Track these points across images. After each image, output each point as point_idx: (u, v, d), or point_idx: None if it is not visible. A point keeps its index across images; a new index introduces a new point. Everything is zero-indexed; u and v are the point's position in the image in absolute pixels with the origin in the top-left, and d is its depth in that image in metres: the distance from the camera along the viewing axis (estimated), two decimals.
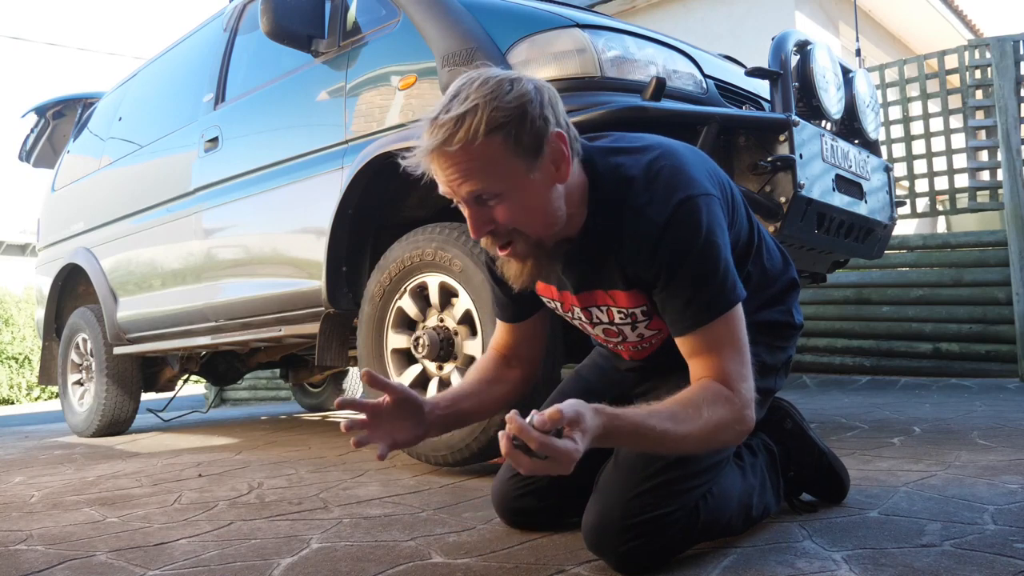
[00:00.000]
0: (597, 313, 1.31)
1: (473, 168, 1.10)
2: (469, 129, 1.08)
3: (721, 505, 1.24)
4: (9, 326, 14.83)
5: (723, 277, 1.14)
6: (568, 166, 1.16)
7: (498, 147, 1.09)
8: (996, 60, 4.48)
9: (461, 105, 1.09)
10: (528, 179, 1.13)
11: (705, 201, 1.14)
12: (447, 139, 1.09)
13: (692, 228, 1.12)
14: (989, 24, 27.10)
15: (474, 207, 1.14)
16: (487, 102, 1.09)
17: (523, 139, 1.11)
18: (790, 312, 1.42)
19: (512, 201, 1.13)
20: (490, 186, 1.12)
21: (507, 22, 2.18)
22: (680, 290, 1.15)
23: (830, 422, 2.90)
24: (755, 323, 1.33)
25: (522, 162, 1.12)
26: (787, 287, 1.42)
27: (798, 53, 2.35)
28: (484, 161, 1.10)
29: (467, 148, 1.08)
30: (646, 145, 1.23)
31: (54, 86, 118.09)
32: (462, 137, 1.08)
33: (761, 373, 1.33)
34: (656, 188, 1.15)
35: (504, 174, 1.11)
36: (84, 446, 3.75)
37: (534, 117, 1.11)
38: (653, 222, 1.14)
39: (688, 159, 1.21)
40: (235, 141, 3.11)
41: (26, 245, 19.29)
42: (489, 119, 1.08)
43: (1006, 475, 1.73)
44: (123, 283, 3.86)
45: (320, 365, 2.74)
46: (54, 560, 1.44)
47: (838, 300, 4.90)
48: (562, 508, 1.45)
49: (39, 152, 5.09)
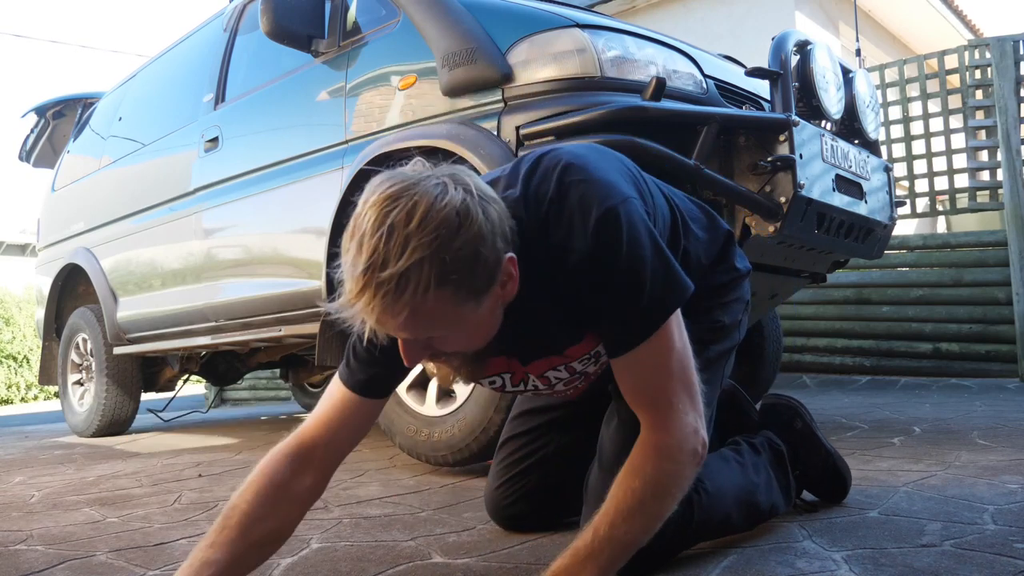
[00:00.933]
0: (555, 375, 1.23)
1: (417, 323, 0.92)
2: (416, 292, 0.88)
3: (715, 503, 1.23)
4: (9, 326, 14.83)
5: (652, 291, 1.03)
6: (516, 282, 1.01)
7: (447, 300, 0.91)
8: (996, 60, 4.48)
9: (399, 257, 0.87)
10: (476, 315, 0.98)
11: (624, 208, 1.03)
12: (387, 308, 0.89)
13: (613, 244, 1.01)
14: (989, 24, 27.09)
15: (406, 343, 0.98)
16: (433, 253, 0.87)
17: (475, 284, 0.94)
18: (733, 266, 1.35)
19: (455, 337, 1.00)
20: (434, 334, 0.97)
21: (507, 22, 2.18)
22: (609, 311, 1.05)
23: (830, 422, 2.90)
24: (705, 289, 1.29)
25: (472, 303, 0.95)
26: (724, 244, 1.34)
27: (798, 53, 2.35)
28: (429, 316, 0.92)
29: (411, 307, 0.89)
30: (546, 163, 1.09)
31: (56, 84, 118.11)
32: (407, 302, 0.88)
33: (722, 335, 1.32)
34: (570, 212, 1.03)
35: (451, 321, 0.95)
36: (84, 446, 3.75)
37: (486, 257, 0.93)
38: (578, 252, 1.02)
39: (591, 161, 1.09)
40: (235, 141, 3.11)
41: (26, 245, 19.28)
42: (438, 276, 0.88)
43: (1006, 475, 1.73)
44: (123, 283, 3.86)
45: (320, 365, 2.74)
46: (54, 560, 1.44)
47: (838, 300, 4.90)
48: (558, 507, 1.46)
49: (39, 152, 5.09)
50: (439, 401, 2.21)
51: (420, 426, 2.21)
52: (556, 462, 1.43)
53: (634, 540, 1.02)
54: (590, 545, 1.00)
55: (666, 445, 1.03)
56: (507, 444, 1.50)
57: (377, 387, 1.17)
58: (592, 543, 1.00)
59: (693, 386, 1.08)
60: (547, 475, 1.44)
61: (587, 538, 1.00)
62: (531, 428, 1.48)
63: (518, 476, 1.45)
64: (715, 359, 1.30)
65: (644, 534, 1.03)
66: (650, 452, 1.04)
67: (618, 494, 1.02)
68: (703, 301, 1.30)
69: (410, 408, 2.26)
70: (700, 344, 1.27)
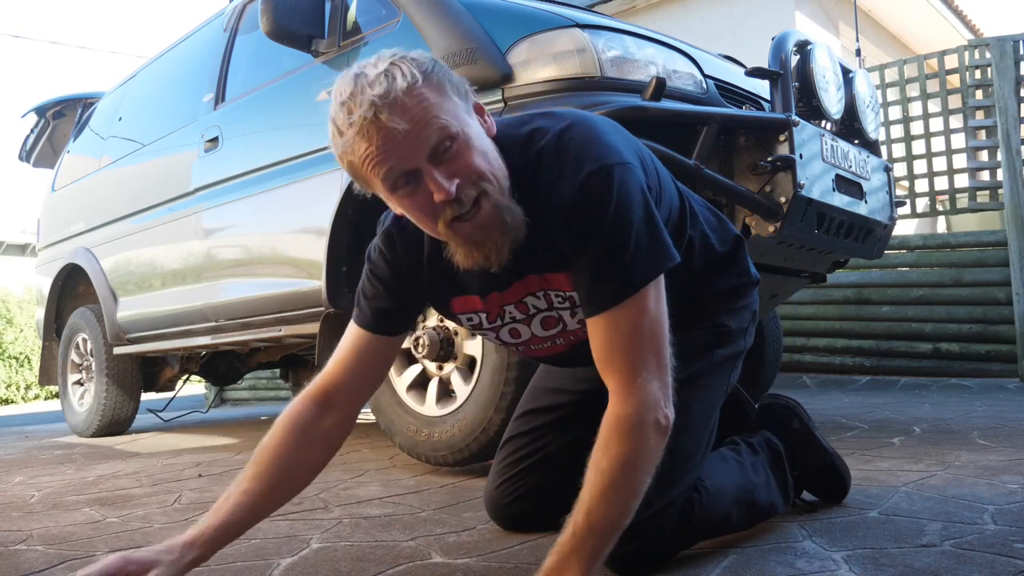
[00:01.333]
0: (533, 302, 1.20)
1: (425, 110, 0.98)
2: (405, 74, 0.98)
3: (715, 502, 1.23)
4: (10, 326, 14.83)
5: (635, 254, 1.04)
6: (491, 120, 1.09)
7: (436, 87, 1.00)
8: (996, 60, 4.48)
9: (377, 75, 0.98)
10: (471, 120, 1.05)
11: (620, 170, 1.05)
12: (387, 91, 0.96)
13: (602, 199, 1.03)
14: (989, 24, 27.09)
15: (433, 165, 1.00)
16: (398, 59, 1.00)
17: (452, 79, 1.03)
18: (745, 271, 1.36)
19: (468, 142, 1.02)
20: (448, 123, 1.00)
21: (507, 22, 2.18)
22: (589, 266, 1.05)
23: (830, 422, 2.90)
24: (714, 293, 1.31)
25: (460, 101, 1.04)
26: (734, 247, 1.35)
27: (798, 53, 2.35)
28: (432, 101, 0.99)
29: (410, 91, 0.97)
30: (557, 117, 1.13)
31: (55, 84, 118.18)
32: (402, 84, 0.97)
33: (728, 339, 1.31)
34: (566, 160, 1.06)
35: (453, 112, 1.01)
36: (84, 446, 3.75)
37: (445, 66, 1.05)
38: (564, 196, 1.05)
39: (602, 127, 1.11)
40: (235, 141, 3.11)
41: (26, 245, 19.28)
42: (416, 65, 1.00)
43: (1006, 475, 1.73)
44: (123, 283, 3.86)
45: (320, 365, 2.74)
46: (54, 560, 1.44)
47: (838, 300, 4.90)
48: (558, 507, 1.46)
49: (39, 152, 5.09)
50: (439, 401, 2.21)
51: (420, 426, 2.21)
52: (557, 461, 1.43)
53: (614, 523, 1.01)
54: (571, 539, 0.99)
55: (627, 416, 1.02)
56: (509, 443, 1.50)
57: (388, 323, 1.22)
58: (573, 536, 0.99)
59: (663, 356, 1.06)
60: (548, 474, 1.43)
61: (568, 533, 1.00)
62: (533, 427, 1.48)
63: (519, 475, 1.45)
64: (720, 363, 1.30)
65: (623, 516, 1.01)
66: (613, 426, 1.02)
67: (590, 478, 1.01)
68: (711, 305, 1.31)
69: (410, 408, 2.26)
70: (706, 347, 1.28)
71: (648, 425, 1.02)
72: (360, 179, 1.06)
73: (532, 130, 1.11)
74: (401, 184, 1.02)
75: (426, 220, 1.06)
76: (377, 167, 1.00)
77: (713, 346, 1.29)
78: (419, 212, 1.05)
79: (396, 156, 0.99)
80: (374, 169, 1.01)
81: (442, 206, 1.02)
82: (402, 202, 1.05)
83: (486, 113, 1.10)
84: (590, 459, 1.03)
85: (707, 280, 1.30)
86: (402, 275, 1.21)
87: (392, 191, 1.03)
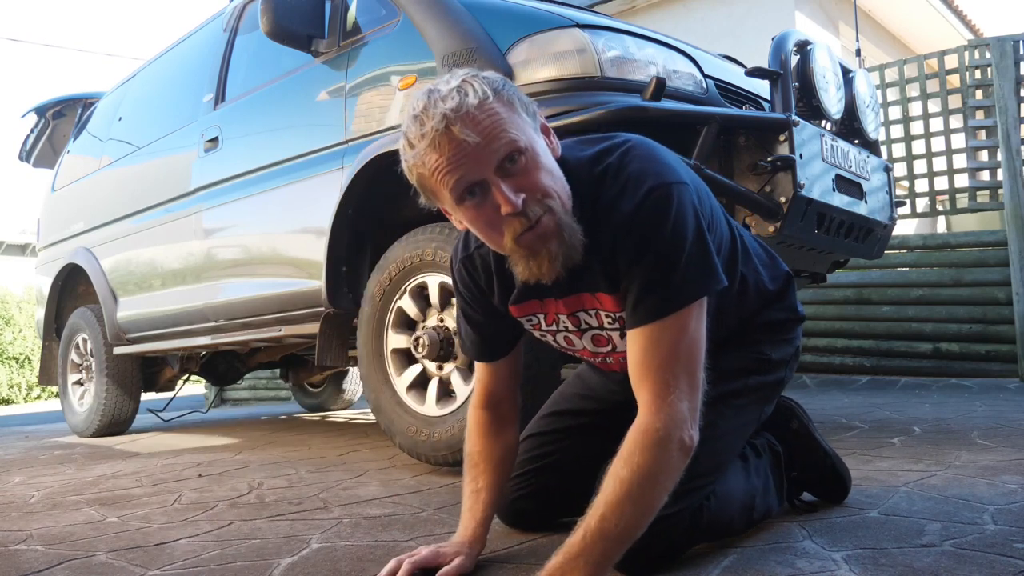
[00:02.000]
0: (585, 318, 1.24)
1: (495, 124, 1.03)
2: (476, 91, 1.03)
3: (724, 506, 1.24)
4: (10, 326, 14.83)
5: (684, 272, 1.07)
6: (556, 141, 1.14)
7: (506, 104, 1.05)
8: (996, 60, 4.48)
9: (450, 90, 1.03)
10: (538, 138, 1.09)
11: (677, 189, 1.08)
12: (459, 105, 1.01)
13: (660, 215, 1.07)
14: (989, 24, 27.09)
15: (500, 178, 1.04)
16: (471, 77, 1.05)
17: (522, 99, 1.09)
18: (792, 307, 1.40)
19: (535, 159, 1.06)
20: (517, 137, 1.04)
21: (507, 22, 2.18)
22: (639, 278, 1.09)
23: (830, 422, 2.90)
24: (759, 324, 1.35)
25: (528, 120, 1.08)
26: (784, 283, 1.39)
27: (798, 53, 2.35)
28: (503, 116, 1.04)
29: (482, 106, 1.02)
30: (617, 139, 1.18)
31: (52, 87, 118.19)
32: (474, 100, 1.02)
33: (766, 367, 1.34)
34: (627, 177, 1.10)
35: (522, 127, 1.06)
36: (84, 446, 3.75)
37: (515, 87, 1.10)
38: (623, 212, 1.09)
39: (660, 150, 1.16)
40: (235, 141, 3.11)
41: (26, 245, 19.28)
42: (487, 83, 1.05)
43: (1006, 475, 1.73)
44: (123, 283, 3.86)
45: (320, 365, 2.74)
46: (54, 560, 1.44)
47: (838, 300, 4.90)
48: (562, 509, 1.45)
49: (39, 152, 5.09)
50: (439, 401, 2.21)
51: (420, 426, 2.21)
52: (572, 467, 1.41)
53: (626, 533, 1.01)
54: (582, 541, 0.99)
55: (655, 430, 1.03)
56: (530, 439, 1.50)
57: (500, 349, 1.35)
58: (584, 539, 0.99)
59: (696, 378, 1.08)
60: (562, 477, 1.42)
61: (579, 535, 1.00)
62: (557, 429, 1.48)
63: (532, 473, 1.45)
64: (755, 388, 1.32)
65: (635, 528, 1.02)
66: (639, 439, 1.04)
67: (608, 486, 1.02)
68: (755, 333, 1.34)
69: (410, 408, 2.26)
70: (744, 372, 1.30)
71: (673, 442, 1.03)
72: (428, 191, 1.10)
73: (598, 152, 1.15)
74: (468, 196, 1.05)
75: (491, 233, 1.09)
76: (446, 177, 1.04)
77: (751, 372, 1.31)
78: (484, 224, 1.08)
79: (465, 167, 1.03)
80: (443, 180, 1.04)
81: (508, 219, 1.05)
82: (468, 214, 1.08)
83: (552, 134, 1.14)
84: (610, 467, 1.04)
85: (755, 312, 1.34)
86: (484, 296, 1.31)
87: (459, 202, 1.07)
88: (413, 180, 1.09)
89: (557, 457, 1.45)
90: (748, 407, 1.32)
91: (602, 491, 1.02)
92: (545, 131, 1.13)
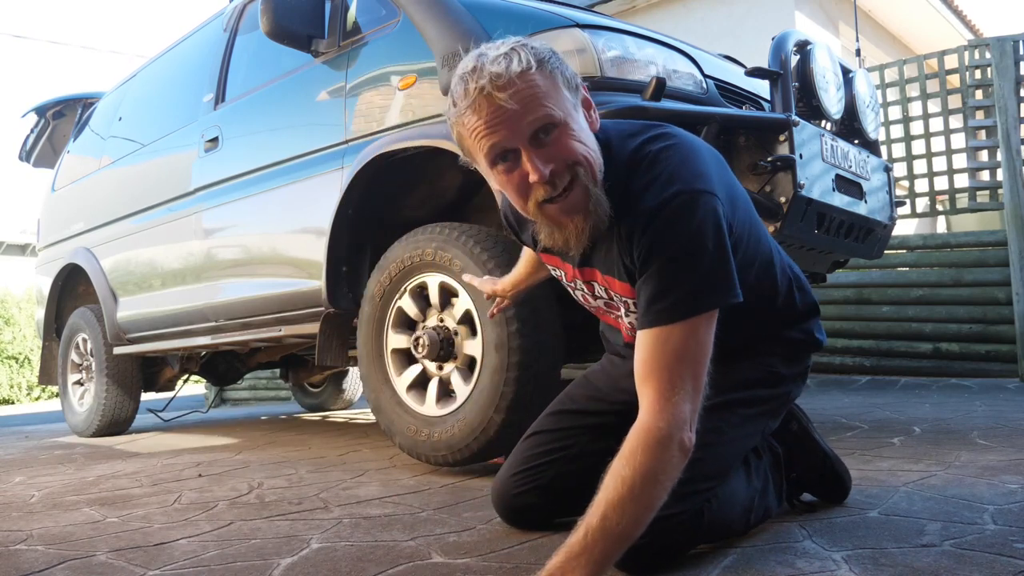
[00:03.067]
0: (597, 289, 1.29)
1: (534, 95, 1.06)
2: (521, 60, 1.06)
3: (725, 508, 1.24)
4: (10, 326, 14.83)
5: (700, 279, 1.08)
6: (596, 115, 1.16)
7: (548, 76, 1.08)
8: (996, 60, 4.48)
9: (497, 56, 1.06)
10: (576, 113, 1.11)
11: (704, 199, 1.09)
12: (503, 72, 1.04)
13: (681, 222, 1.08)
14: (989, 24, 27.10)
15: (532, 148, 1.08)
16: (519, 46, 1.08)
17: (565, 72, 1.10)
18: (810, 333, 1.41)
19: (569, 131, 1.09)
20: (553, 111, 1.07)
21: (507, 22, 2.18)
22: (655, 279, 1.10)
23: (830, 422, 2.90)
24: (777, 340, 1.36)
25: (569, 94, 1.10)
26: (810, 310, 1.40)
27: (798, 53, 2.34)
28: (542, 88, 1.07)
29: (524, 75, 1.05)
30: (665, 132, 1.19)
31: (57, 85, 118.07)
32: (517, 68, 1.05)
33: (774, 380, 1.35)
34: (658, 173, 1.11)
35: (560, 102, 1.08)
36: (84, 446, 3.75)
37: (562, 60, 1.12)
38: (645, 206, 1.10)
39: (703, 155, 1.16)
40: (235, 141, 3.11)
41: (26, 245, 19.28)
42: (533, 53, 1.07)
43: (1006, 475, 1.73)
44: (123, 283, 3.86)
45: (320, 365, 2.74)
46: (54, 560, 1.44)
47: (838, 300, 4.90)
48: (563, 507, 1.45)
49: (39, 152, 5.09)
50: (439, 401, 2.21)
51: (420, 426, 2.21)
52: (578, 464, 1.42)
53: (627, 532, 1.01)
54: (583, 541, 1.00)
55: (658, 429, 1.04)
56: (534, 436, 1.50)
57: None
58: (585, 538, 1.00)
59: (700, 382, 1.08)
60: (564, 475, 1.43)
61: (580, 534, 1.00)
62: (562, 427, 1.49)
63: (536, 468, 1.45)
64: (762, 400, 1.33)
65: (637, 526, 1.02)
66: (642, 438, 1.04)
67: (609, 485, 1.02)
68: (772, 346, 1.35)
69: (410, 408, 2.26)
70: (754, 383, 1.31)
71: (675, 443, 1.04)
72: (465, 149, 1.15)
73: (643, 140, 1.17)
74: (500, 160, 1.10)
75: (518, 198, 1.14)
76: (482, 140, 1.08)
77: (759, 383, 1.32)
78: (513, 189, 1.13)
79: (500, 132, 1.07)
80: (479, 142, 1.09)
81: (535, 186, 1.09)
82: (499, 178, 1.13)
83: (593, 108, 1.17)
84: (611, 466, 1.04)
85: (776, 329, 1.35)
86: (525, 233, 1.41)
87: (492, 166, 1.11)
88: (454, 137, 1.14)
89: (560, 455, 1.45)
90: (755, 417, 1.32)
91: (603, 489, 1.02)
92: (587, 105, 1.15)
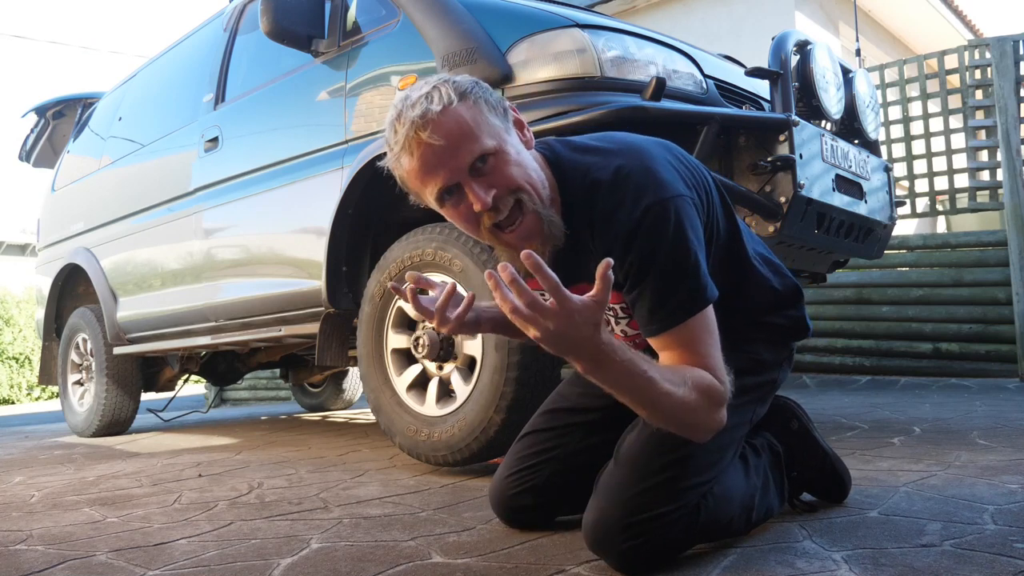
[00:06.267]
0: None
1: (461, 130, 1.09)
2: (442, 96, 1.09)
3: (722, 505, 1.23)
4: (10, 326, 14.83)
5: (693, 280, 1.12)
6: (530, 133, 1.19)
7: (472, 107, 1.11)
8: (996, 60, 4.48)
9: (419, 97, 1.10)
10: (509, 137, 1.15)
11: (675, 203, 1.12)
12: (424, 112, 1.08)
13: (661, 232, 1.10)
14: (989, 24, 27.11)
15: (472, 178, 1.11)
16: (441, 83, 1.12)
17: (490, 99, 1.14)
18: (797, 318, 1.40)
19: (505, 157, 1.12)
20: (483, 141, 1.10)
21: (507, 22, 2.18)
22: (649, 293, 1.13)
23: (830, 422, 2.90)
24: (758, 325, 1.36)
25: (498, 120, 1.14)
26: (792, 293, 1.39)
27: (798, 53, 2.35)
28: (468, 121, 1.10)
29: (446, 111, 1.09)
30: (613, 145, 1.20)
31: (57, 85, 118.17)
32: (437, 107, 1.08)
33: (760, 367, 1.35)
34: (625, 192, 1.13)
35: (490, 129, 1.12)
36: (84, 446, 3.75)
37: (495, 97, 1.16)
38: (622, 226, 1.12)
39: (657, 158, 1.18)
40: (235, 141, 3.11)
41: (26, 245, 19.29)
42: (454, 89, 1.11)
43: (1006, 475, 1.73)
44: (123, 283, 3.86)
45: (320, 365, 2.74)
46: (54, 560, 1.44)
47: (838, 300, 4.90)
48: (560, 506, 1.45)
49: (39, 152, 5.09)
50: (439, 401, 2.21)
51: (420, 426, 2.21)
52: (572, 462, 1.43)
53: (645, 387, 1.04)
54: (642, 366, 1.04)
55: (721, 393, 1.11)
56: (527, 436, 1.50)
57: None
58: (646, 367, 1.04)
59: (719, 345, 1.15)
60: (560, 473, 1.43)
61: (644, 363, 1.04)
62: (555, 426, 1.49)
63: (531, 468, 1.45)
64: (748, 389, 1.32)
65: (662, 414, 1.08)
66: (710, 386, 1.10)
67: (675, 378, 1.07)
68: (752, 332, 1.35)
69: (410, 408, 2.26)
70: (736, 373, 1.31)
71: (722, 410, 1.12)
72: (411, 191, 1.18)
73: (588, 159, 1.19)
74: (446, 196, 1.14)
75: (469, 228, 1.17)
76: (421, 180, 1.13)
77: (745, 372, 1.31)
78: (463, 221, 1.16)
79: (439, 172, 1.11)
80: (419, 182, 1.13)
81: (481, 215, 1.13)
82: (448, 213, 1.17)
83: (526, 127, 1.20)
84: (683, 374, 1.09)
85: (761, 314, 1.36)
86: None
87: (440, 204, 1.16)
88: (399, 181, 1.17)
89: (555, 453, 1.45)
90: (741, 407, 1.31)
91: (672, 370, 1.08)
92: (519, 125, 1.19)
